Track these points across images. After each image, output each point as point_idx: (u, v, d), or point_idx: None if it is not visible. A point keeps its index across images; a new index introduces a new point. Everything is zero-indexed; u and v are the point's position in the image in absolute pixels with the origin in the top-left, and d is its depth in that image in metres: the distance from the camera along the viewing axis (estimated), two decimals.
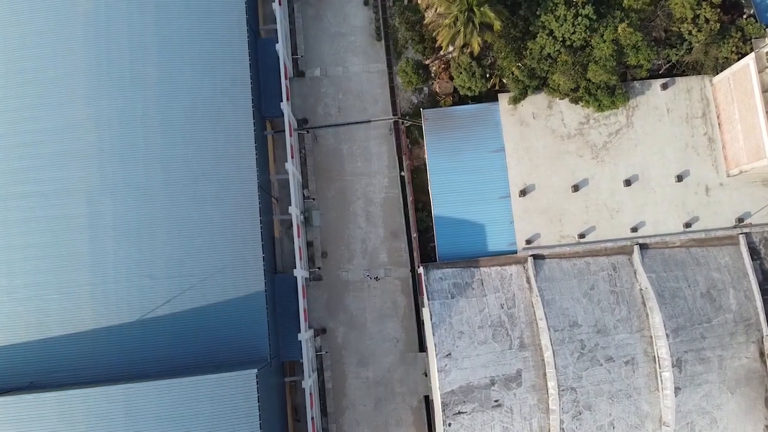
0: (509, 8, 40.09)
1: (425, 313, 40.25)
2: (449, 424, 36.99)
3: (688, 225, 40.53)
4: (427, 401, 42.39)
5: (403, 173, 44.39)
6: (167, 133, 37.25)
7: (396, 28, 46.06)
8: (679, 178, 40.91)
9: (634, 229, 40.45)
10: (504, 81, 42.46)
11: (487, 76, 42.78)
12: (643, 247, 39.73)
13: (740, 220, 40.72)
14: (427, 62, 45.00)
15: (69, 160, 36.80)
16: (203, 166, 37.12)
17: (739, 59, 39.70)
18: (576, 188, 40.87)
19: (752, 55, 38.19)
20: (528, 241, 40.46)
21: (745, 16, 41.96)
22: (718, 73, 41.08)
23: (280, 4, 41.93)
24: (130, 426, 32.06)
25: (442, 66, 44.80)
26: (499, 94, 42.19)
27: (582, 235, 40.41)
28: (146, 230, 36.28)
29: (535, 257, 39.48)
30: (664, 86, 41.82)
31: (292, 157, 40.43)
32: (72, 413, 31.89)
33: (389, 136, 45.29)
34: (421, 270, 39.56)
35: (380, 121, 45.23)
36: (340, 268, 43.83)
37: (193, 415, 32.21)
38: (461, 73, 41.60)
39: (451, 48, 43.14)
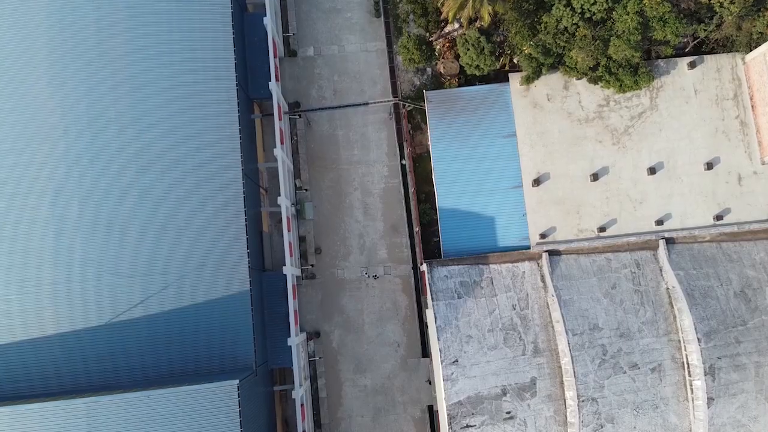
0: None
1: (429, 314, 38.61)
2: None
3: (718, 217, 38.62)
4: (431, 411, 40.82)
5: (404, 161, 42.59)
6: (140, 115, 34.83)
7: (396, 2, 43.16)
8: (709, 166, 38.89)
9: (660, 222, 38.56)
10: (515, 60, 40.19)
11: (497, 54, 39.94)
12: (670, 241, 37.99)
13: None
14: (431, 39, 42.27)
15: (30, 144, 34.23)
16: (181, 152, 34.82)
17: None
18: (595, 177, 38.92)
19: None
20: (542, 236, 38.66)
21: None
22: (751, 50, 38.98)
23: None
24: None
25: (447, 44, 42.65)
26: (509, 74, 40.40)
27: (602, 229, 38.52)
28: (117, 223, 33.85)
29: (551, 253, 37.84)
30: (692, 65, 39.76)
31: (282, 143, 38.65)
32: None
33: (389, 121, 43.05)
34: (424, 267, 38.04)
35: (379, 104, 43.21)
36: (335, 265, 42.07)
37: None
38: (468, 49, 39.09)
39: (457, 25, 40.67)
